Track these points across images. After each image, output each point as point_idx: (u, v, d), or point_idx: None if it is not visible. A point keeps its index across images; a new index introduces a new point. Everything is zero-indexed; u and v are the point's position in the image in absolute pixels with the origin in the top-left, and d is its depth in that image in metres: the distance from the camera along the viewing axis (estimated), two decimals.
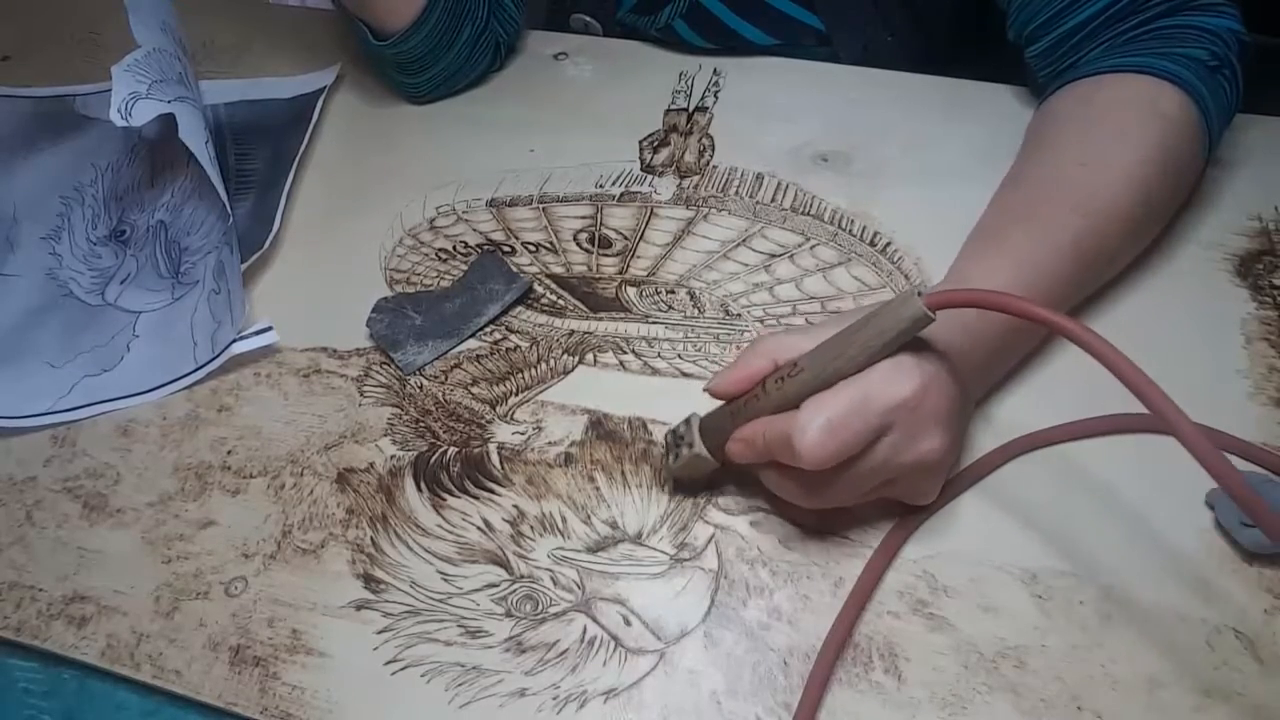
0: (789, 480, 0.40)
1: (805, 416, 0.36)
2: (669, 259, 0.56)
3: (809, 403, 0.37)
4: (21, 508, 0.50)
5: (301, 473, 0.49)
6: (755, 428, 0.39)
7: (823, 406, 0.36)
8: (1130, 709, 0.38)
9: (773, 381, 0.39)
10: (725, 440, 0.41)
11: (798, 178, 0.59)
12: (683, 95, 0.65)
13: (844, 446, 0.36)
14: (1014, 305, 0.34)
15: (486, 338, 0.54)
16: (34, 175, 0.68)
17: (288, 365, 0.54)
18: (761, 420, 0.39)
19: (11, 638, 0.45)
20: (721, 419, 0.42)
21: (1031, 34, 0.54)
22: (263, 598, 0.45)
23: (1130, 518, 0.43)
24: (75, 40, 0.78)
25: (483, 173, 0.62)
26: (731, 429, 0.41)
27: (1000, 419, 0.46)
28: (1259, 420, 0.45)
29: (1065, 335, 0.33)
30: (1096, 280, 0.49)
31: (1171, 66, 0.48)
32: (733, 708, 0.40)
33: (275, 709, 0.41)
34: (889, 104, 0.62)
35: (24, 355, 0.56)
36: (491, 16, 0.67)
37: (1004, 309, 0.34)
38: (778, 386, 0.39)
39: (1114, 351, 0.32)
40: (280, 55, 0.73)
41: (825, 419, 0.36)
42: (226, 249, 0.58)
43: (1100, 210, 0.46)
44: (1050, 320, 0.33)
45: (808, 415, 0.36)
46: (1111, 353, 0.32)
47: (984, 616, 0.41)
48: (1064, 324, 0.33)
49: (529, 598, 0.43)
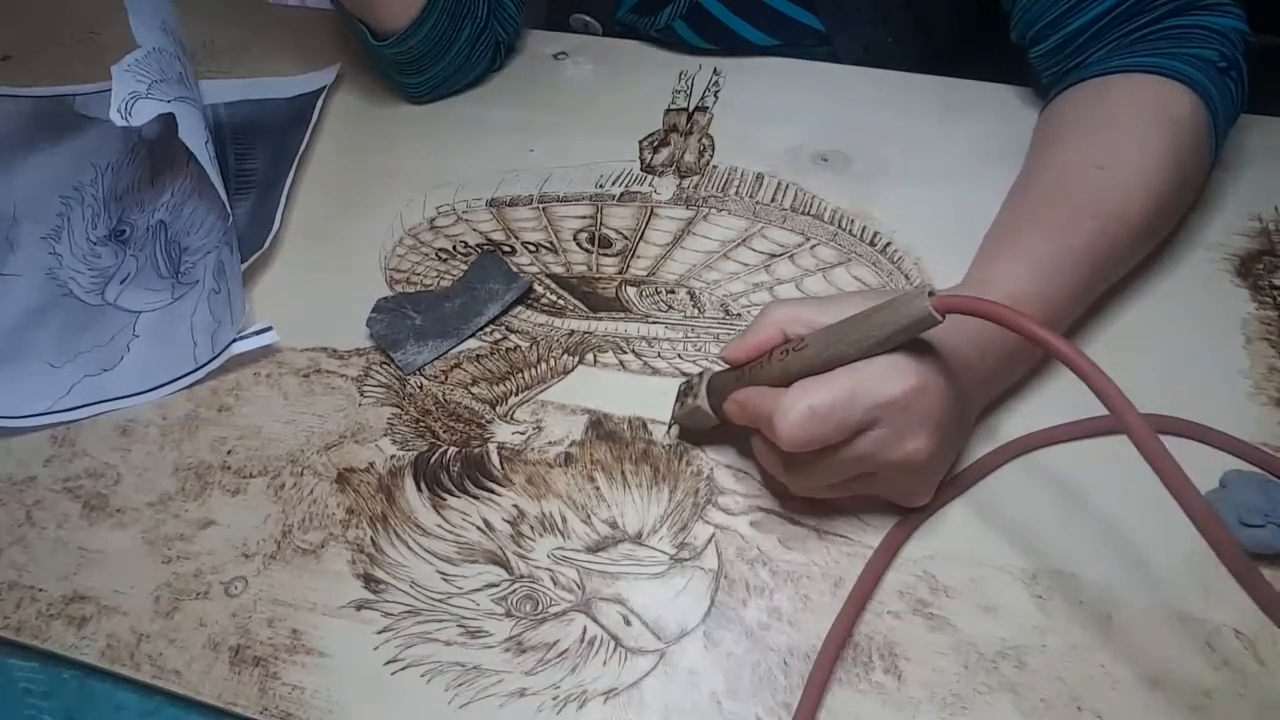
0: (773, 454, 0.41)
1: (790, 399, 0.37)
2: (669, 259, 0.56)
3: (797, 386, 0.37)
4: (21, 508, 0.49)
5: (301, 473, 0.49)
6: (748, 394, 0.41)
7: (808, 392, 0.37)
8: (1130, 709, 0.38)
9: (778, 354, 0.40)
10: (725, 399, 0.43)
11: (798, 178, 0.59)
12: (683, 95, 0.66)
13: (821, 435, 0.37)
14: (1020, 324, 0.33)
15: (486, 338, 0.54)
16: (34, 175, 0.68)
17: (288, 365, 0.54)
18: (755, 389, 0.40)
19: (11, 638, 0.45)
20: (728, 380, 0.43)
21: (1036, 34, 0.53)
22: (263, 598, 0.45)
23: (1130, 518, 0.43)
24: (75, 40, 0.78)
25: (483, 173, 0.62)
26: (734, 390, 0.42)
27: (999, 421, 0.46)
28: (1259, 420, 0.45)
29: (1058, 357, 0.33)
30: (1108, 282, 0.49)
31: (1183, 67, 0.48)
32: (733, 708, 0.40)
33: (275, 709, 0.41)
34: (889, 104, 0.62)
35: (24, 355, 0.56)
36: (491, 16, 0.67)
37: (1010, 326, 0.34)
38: (781, 359, 0.40)
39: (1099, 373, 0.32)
40: (280, 55, 0.73)
41: (808, 405, 0.36)
42: (226, 249, 0.58)
43: (1116, 213, 0.46)
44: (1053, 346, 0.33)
45: (792, 399, 0.37)
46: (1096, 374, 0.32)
47: (984, 616, 0.41)
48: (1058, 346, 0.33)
49: (529, 598, 0.43)
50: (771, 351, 0.40)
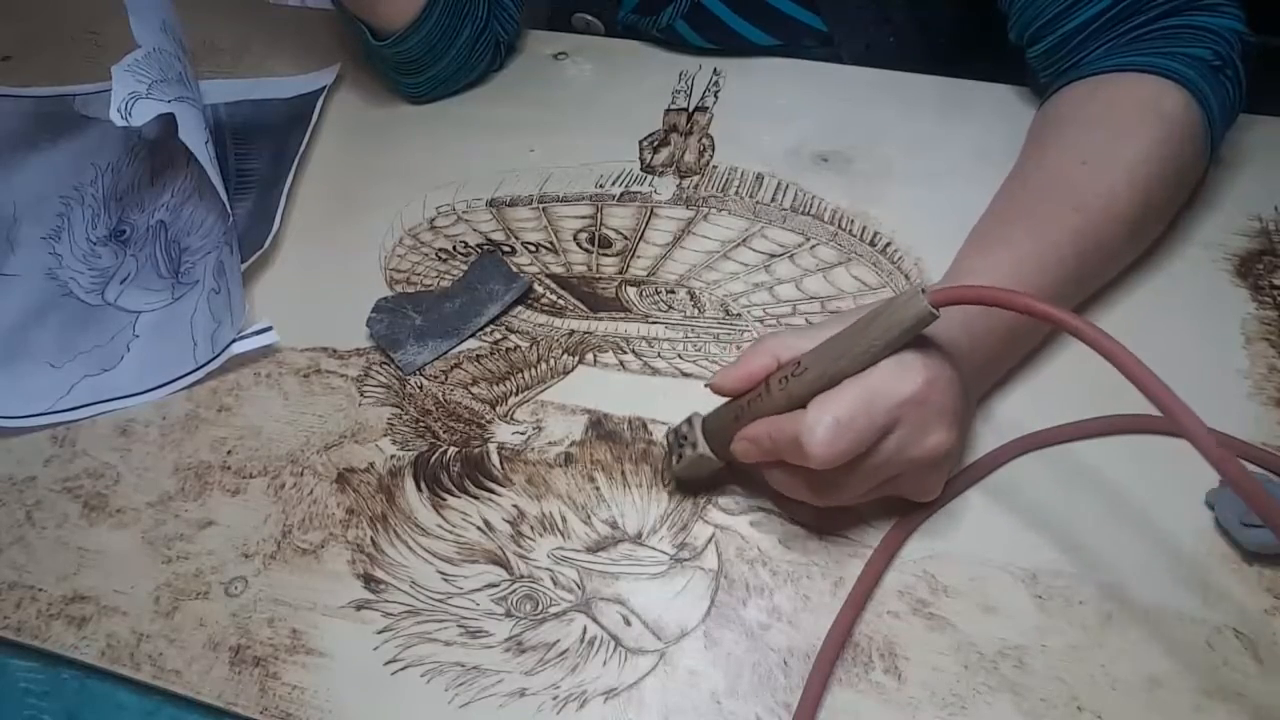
0: (796, 479, 0.40)
1: (813, 416, 0.36)
2: (669, 259, 0.56)
3: (815, 402, 0.37)
4: (21, 508, 0.50)
5: (301, 473, 0.49)
6: (760, 428, 0.39)
7: (829, 405, 0.36)
8: (1130, 709, 0.38)
9: (777, 381, 0.39)
10: (729, 440, 0.41)
11: (798, 178, 0.59)
12: (683, 95, 0.65)
13: (852, 445, 0.36)
14: (1019, 302, 0.34)
15: (486, 338, 0.54)
16: (34, 175, 0.68)
17: (288, 365, 0.54)
18: (766, 420, 0.39)
19: (11, 638, 0.45)
20: (724, 419, 0.42)
21: (1034, 34, 0.54)
22: (263, 598, 0.45)
23: (1130, 518, 0.43)
24: (75, 40, 0.78)
25: (483, 173, 0.62)
26: (735, 429, 0.41)
27: (1000, 419, 0.46)
28: (1259, 420, 0.45)
29: (1070, 331, 0.33)
30: (1097, 279, 0.49)
31: (1175, 66, 0.48)
32: (733, 708, 0.40)
33: (275, 709, 0.41)
34: (889, 104, 0.62)
35: (24, 355, 0.56)
36: (491, 16, 0.67)
37: (1008, 305, 0.34)
38: (782, 386, 0.39)
39: (1121, 349, 0.32)
40: (280, 55, 0.73)
41: (833, 418, 0.36)
42: (226, 249, 0.58)
43: (1100, 208, 0.46)
44: (1054, 316, 0.33)
45: (815, 415, 0.36)
46: (1119, 350, 0.32)
47: (984, 616, 0.41)
48: (1069, 320, 0.33)
49: (529, 598, 0.43)
50: (769, 381, 0.39)
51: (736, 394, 0.41)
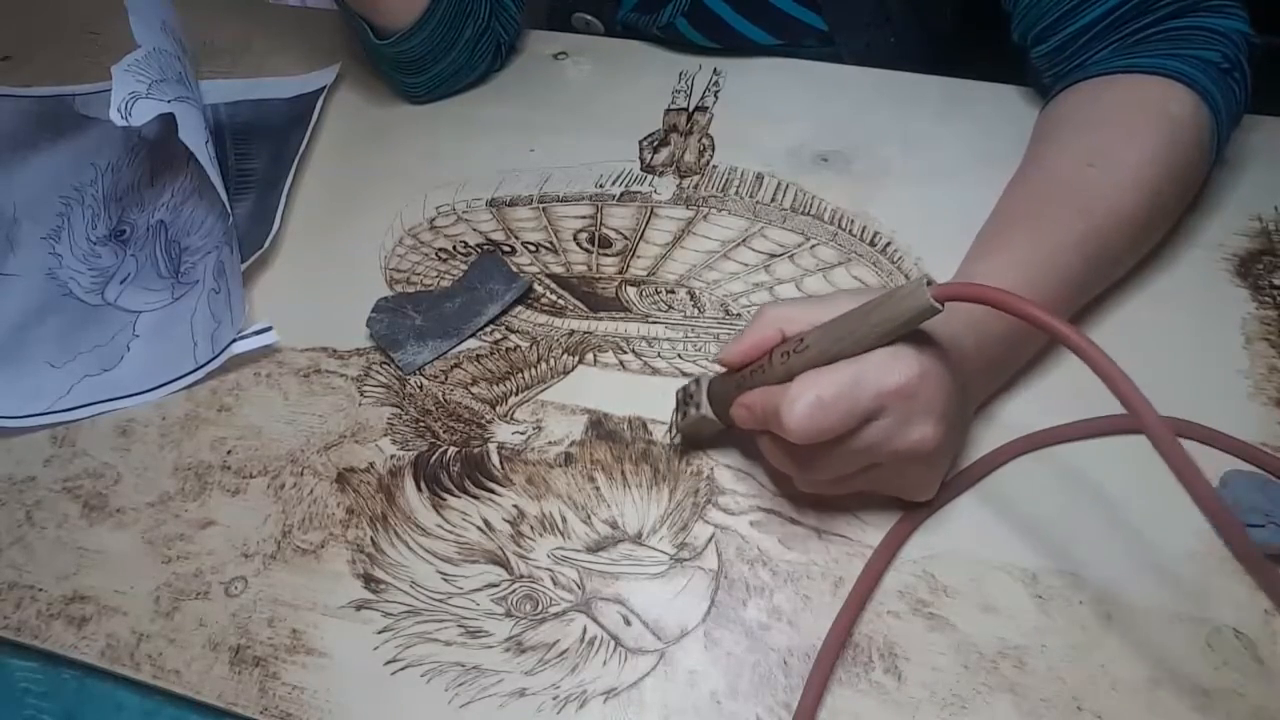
0: (781, 450, 0.41)
1: (795, 391, 0.37)
2: (669, 259, 0.56)
3: (801, 378, 0.37)
4: (21, 508, 0.50)
5: (301, 472, 0.49)
6: (755, 396, 0.40)
7: (814, 384, 0.37)
8: (1130, 709, 0.38)
9: (779, 355, 0.40)
10: (729, 404, 0.42)
11: (798, 178, 0.59)
12: (683, 95, 0.65)
13: (829, 425, 0.37)
14: (1015, 305, 0.34)
15: (486, 338, 0.54)
16: (34, 175, 0.68)
17: (288, 365, 0.54)
18: (761, 390, 0.40)
19: (11, 638, 0.45)
20: (728, 385, 0.43)
21: (1038, 35, 0.53)
22: (263, 598, 0.45)
23: (1130, 518, 0.43)
24: (75, 40, 0.78)
25: (483, 173, 0.62)
26: (736, 395, 0.42)
27: (1000, 419, 0.46)
28: (1259, 420, 0.45)
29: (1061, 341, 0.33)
30: (1103, 281, 0.48)
31: (1184, 68, 0.48)
32: (733, 708, 0.40)
33: (275, 709, 0.41)
34: (889, 104, 0.62)
35: (24, 355, 0.56)
36: (493, 16, 0.67)
37: (1005, 308, 0.34)
38: (783, 360, 0.39)
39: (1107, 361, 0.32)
40: (280, 55, 0.73)
41: (815, 395, 0.36)
42: (226, 249, 0.58)
43: (1107, 211, 0.46)
44: (1048, 324, 0.33)
45: (798, 390, 0.37)
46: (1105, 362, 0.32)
47: (984, 616, 0.41)
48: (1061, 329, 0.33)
49: (529, 598, 0.43)
50: (772, 353, 0.40)
51: (741, 367, 0.42)
